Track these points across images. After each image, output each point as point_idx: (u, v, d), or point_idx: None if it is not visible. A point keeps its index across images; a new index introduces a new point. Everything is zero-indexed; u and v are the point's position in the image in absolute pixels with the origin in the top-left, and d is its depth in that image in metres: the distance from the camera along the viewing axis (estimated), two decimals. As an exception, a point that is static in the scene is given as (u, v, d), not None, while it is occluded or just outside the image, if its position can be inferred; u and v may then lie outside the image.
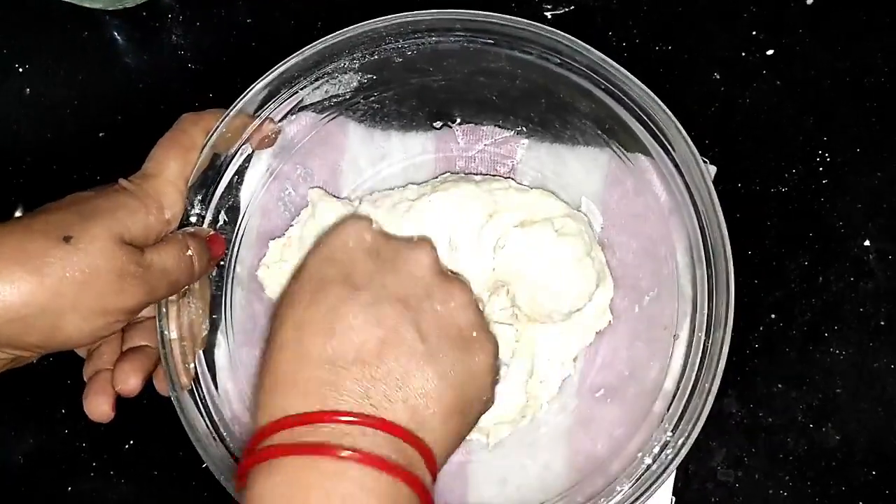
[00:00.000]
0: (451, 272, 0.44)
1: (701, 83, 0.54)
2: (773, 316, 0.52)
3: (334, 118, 0.49)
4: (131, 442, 0.52)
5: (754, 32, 0.55)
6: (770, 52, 0.55)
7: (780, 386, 0.51)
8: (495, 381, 0.41)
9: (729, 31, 0.55)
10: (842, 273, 0.52)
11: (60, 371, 0.52)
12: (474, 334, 0.40)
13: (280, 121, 0.47)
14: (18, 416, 0.53)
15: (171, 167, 0.42)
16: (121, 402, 0.43)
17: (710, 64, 0.55)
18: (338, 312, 0.37)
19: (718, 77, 0.54)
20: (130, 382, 0.42)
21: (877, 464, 0.50)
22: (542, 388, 0.49)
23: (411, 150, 0.52)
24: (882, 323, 0.52)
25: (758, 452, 0.51)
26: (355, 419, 0.35)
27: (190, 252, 0.41)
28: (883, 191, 0.53)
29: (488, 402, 0.41)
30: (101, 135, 0.56)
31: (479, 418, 0.41)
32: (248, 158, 0.46)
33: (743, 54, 0.55)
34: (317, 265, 0.40)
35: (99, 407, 0.42)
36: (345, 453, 0.34)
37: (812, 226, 0.53)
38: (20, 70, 0.57)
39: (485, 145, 0.52)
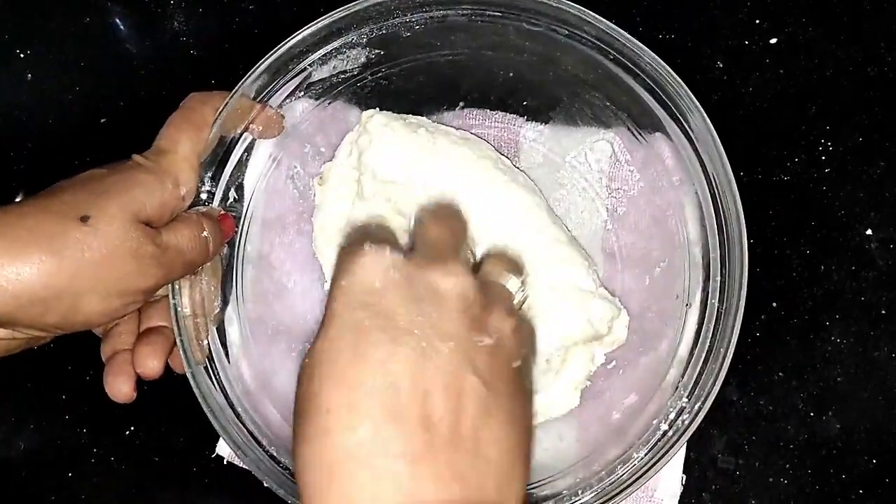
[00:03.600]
0: (492, 281, 0.38)
1: (704, 71, 0.54)
2: (774, 304, 0.52)
3: (342, 96, 0.49)
4: (132, 428, 0.52)
5: (758, 21, 0.55)
6: (773, 40, 0.54)
7: (780, 374, 0.51)
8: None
9: (732, 20, 0.55)
10: (843, 262, 0.52)
11: (61, 358, 0.53)
12: (518, 362, 0.35)
13: (288, 97, 0.46)
14: (19, 402, 0.53)
15: (184, 144, 0.42)
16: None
17: (713, 52, 0.55)
18: (388, 366, 0.31)
19: (722, 65, 0.54)
20: (151, 365, 0.42)
21: (877, 453, 0.50)
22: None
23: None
24: (883, 312, 0.52)
25: (758, 440, 0.51)
26: None
27: (206, 233, 0.41)
28: (885, 180, 0.53)
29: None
30: (102, 121, 0.56)
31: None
32: (256, 137, 0.47)
33: (746, 43, 0.55)
34: (348, 312, 0.33)
35: (120, 388, 0.42)
36: None
37: (814, 214, 0.53)
38: (21, 56, 0.56)
39: (491, 124, 0.52)
